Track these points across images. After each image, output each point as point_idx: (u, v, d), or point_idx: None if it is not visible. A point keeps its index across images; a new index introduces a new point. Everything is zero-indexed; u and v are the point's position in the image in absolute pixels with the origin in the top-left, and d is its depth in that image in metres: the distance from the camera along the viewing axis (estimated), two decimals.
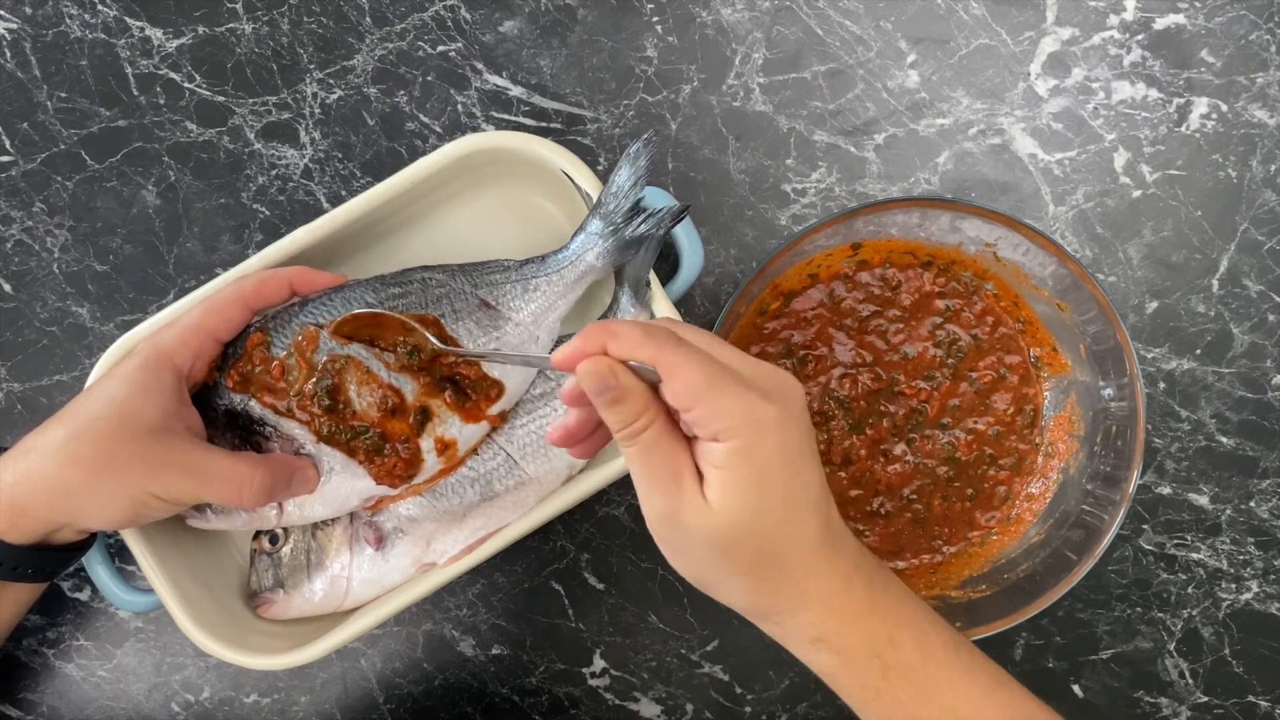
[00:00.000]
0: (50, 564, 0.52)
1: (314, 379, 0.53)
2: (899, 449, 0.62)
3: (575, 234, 0.57)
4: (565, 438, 0.45)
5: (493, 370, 0.55)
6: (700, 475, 0.41)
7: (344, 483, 0.54)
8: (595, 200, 0.56)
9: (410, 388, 0.54)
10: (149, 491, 0.49)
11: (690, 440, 0.41)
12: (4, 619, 0.54)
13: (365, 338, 0.54)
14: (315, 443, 0.53)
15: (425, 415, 0.54)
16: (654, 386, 0.41)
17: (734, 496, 0.40)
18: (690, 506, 0.40)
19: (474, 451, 0.57)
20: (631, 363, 0.40)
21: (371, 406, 0.53)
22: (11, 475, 0.49)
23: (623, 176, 0.56)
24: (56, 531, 0.51)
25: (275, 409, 0.54)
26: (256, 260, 0.56)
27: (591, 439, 0.45)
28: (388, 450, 0.54)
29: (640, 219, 0.56)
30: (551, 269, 0.57)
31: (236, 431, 0.54)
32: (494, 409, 0.56)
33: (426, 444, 0.54)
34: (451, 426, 0.55)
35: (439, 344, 0.54)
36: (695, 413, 0.39)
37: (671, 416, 0.41)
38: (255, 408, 0.54)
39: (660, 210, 0.56)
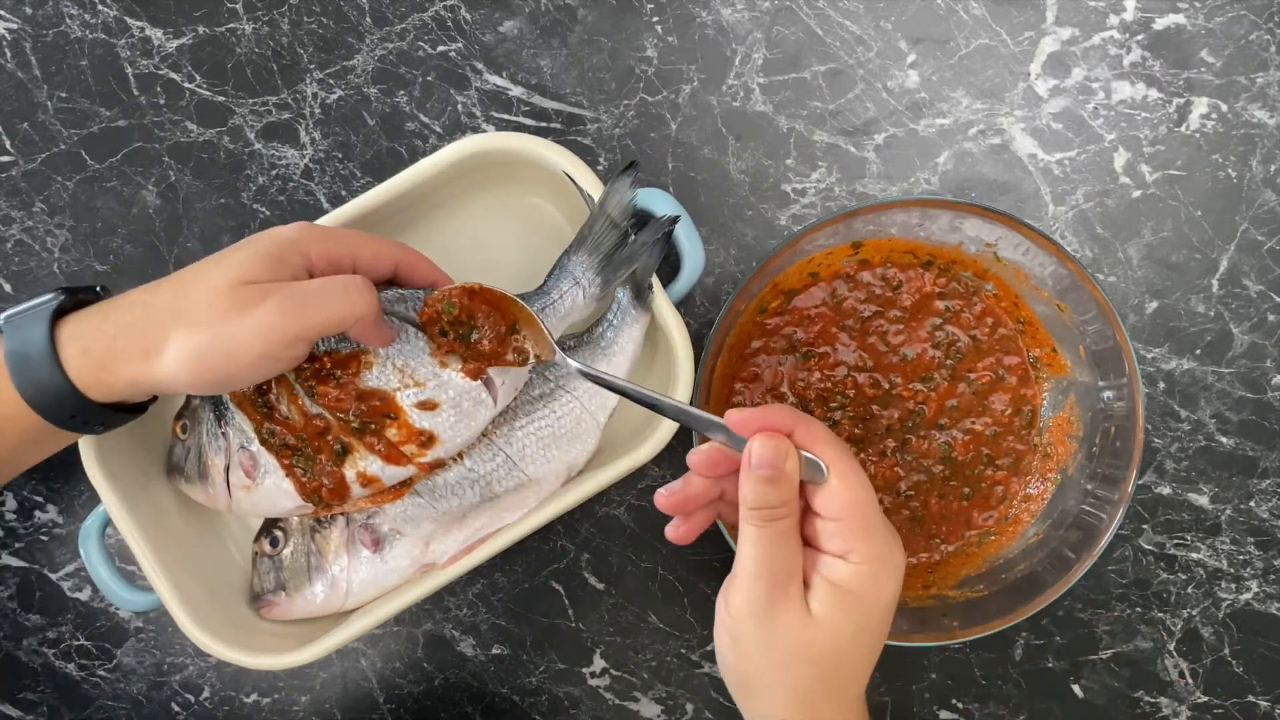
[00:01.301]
0: (117, 421, 0.51)
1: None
2: (893, 446, 0.62)
3: (556, 272, 0.56)
4: (678, 505, 0.45)
5: (423, 422, 0.53)
6: (805, 583, 0.42)
7: (274, 488, 0.54)
8: (577, 238, 0.56)
9: (330, 420, 0.53)
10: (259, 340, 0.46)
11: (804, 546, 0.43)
12: (43, 456, 0.53)
13: (466, 318, 0.53)
14: (257, 443, 0.54)
15: (345, 449, 0.54)
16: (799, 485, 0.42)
17: (840, 616, 0.41)
18: (792, 610, 0.41)
19: (460, 458, 0.57)
20: (804, 453, 0.41)
21: (299, 424, 0.53)
22: (114, 327, 0.47)
23: (611, 208, 0.55)
24: (138, 397, 0.50)
25: (234, 396, 0.54)
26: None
27: (700, 517, 0.46)
28: (315, 472, 0.54)
29: (632, 241, 0.56)
30: (535, 309, 0.55)
31: (214, 409, 0.55)
32: (426, 457, 0.54)
33: (350, 474, 0.54)
34: (372, 464, 0.54)
35: (566, 358, 0.53)
36: (845, 525, 0.40)
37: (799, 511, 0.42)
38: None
39: (652, 224, 0.56)
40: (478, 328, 0.53)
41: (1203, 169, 0.64)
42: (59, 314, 0.48)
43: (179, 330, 0.46)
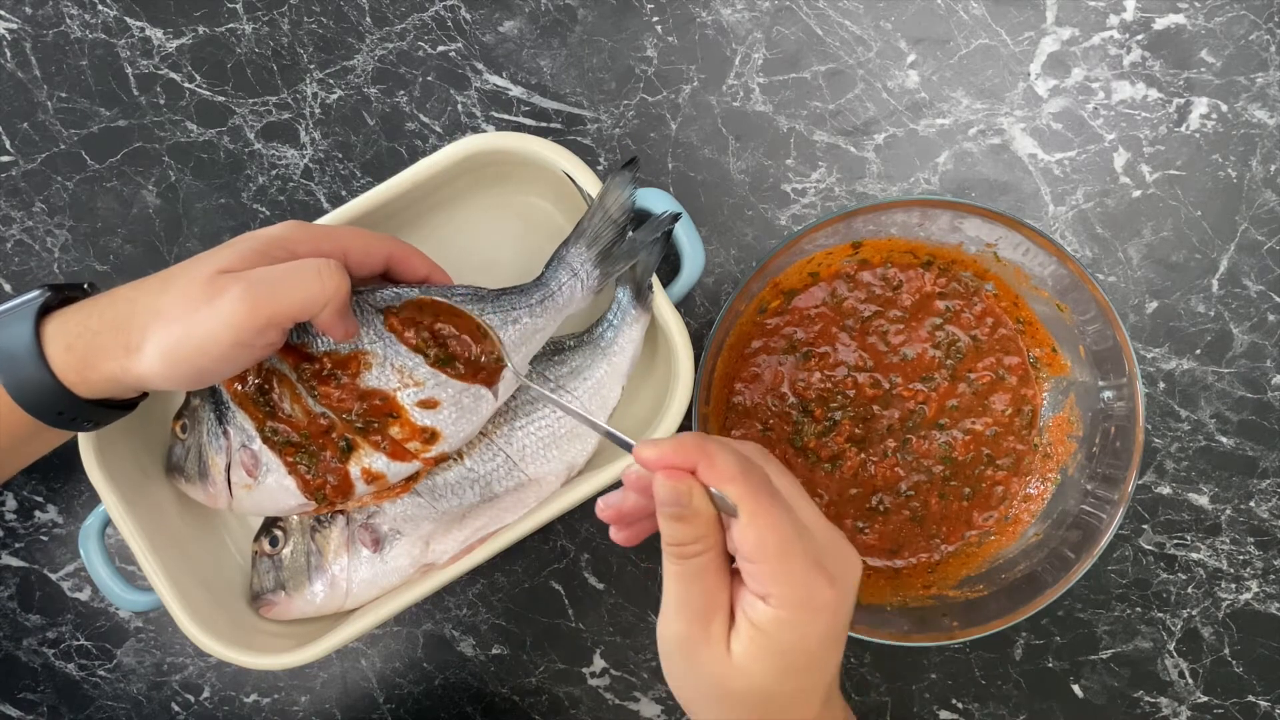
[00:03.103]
0: (105, 417, 0.51)
1: (254, 379, 0.53)
2: (893, 447, 0.62)
3: (554, 263, 0.56)
4: (616, 517, 0.44)
5: (425, 419, 0.53)
6: (731, 616, 0.40)
7: (276, 487, 0.54)
8: (575, 229, 0.56)
9: (334, 419, 0.53)
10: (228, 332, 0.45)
11: (734, 572, 0.40)
12: (33, 456, 0.53)
13: (425, 327, 0.53)
14: (259, 441, 0.54)
15: (350, 445, 0.54)
16: (720, 514, 0.40)
17: (759, 662, 0.39)
18: (711, 649, 0.39)
19: (461, 457, 0.57)
20: (712, 489, 0.39)
21: (303, 422, 0.53)
22: (98, 323, 0.47)
23: (610, 203, 0.55)
24: (124, 393, 0.49)
25: (235, 395, 0.54)
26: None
27: (641, 526, 0.44)
28: (319, 469, 0.54)
29: (631, 236, 0.56)
30: (534, 301, 0.55)
31: (214, 409, 0.55)
32: (430, 453, 0.54)
33: (355, 470, 0.54)
34: (377, 460, 0.54)
35: (515, 368, 0.53)
36: (758, 569, 0.38)
37: (725, 547, 0.40)
38: (223, 390, 0.54)
39: (652, 221, 0.56)
40: (451, 341, 0.53)
41: (1203, 169, 0.64)
42: (45, 311, 0.48)
43: (157, 326, 0.46)
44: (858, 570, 0.41)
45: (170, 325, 0.46)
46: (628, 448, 0.41)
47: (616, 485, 0.61)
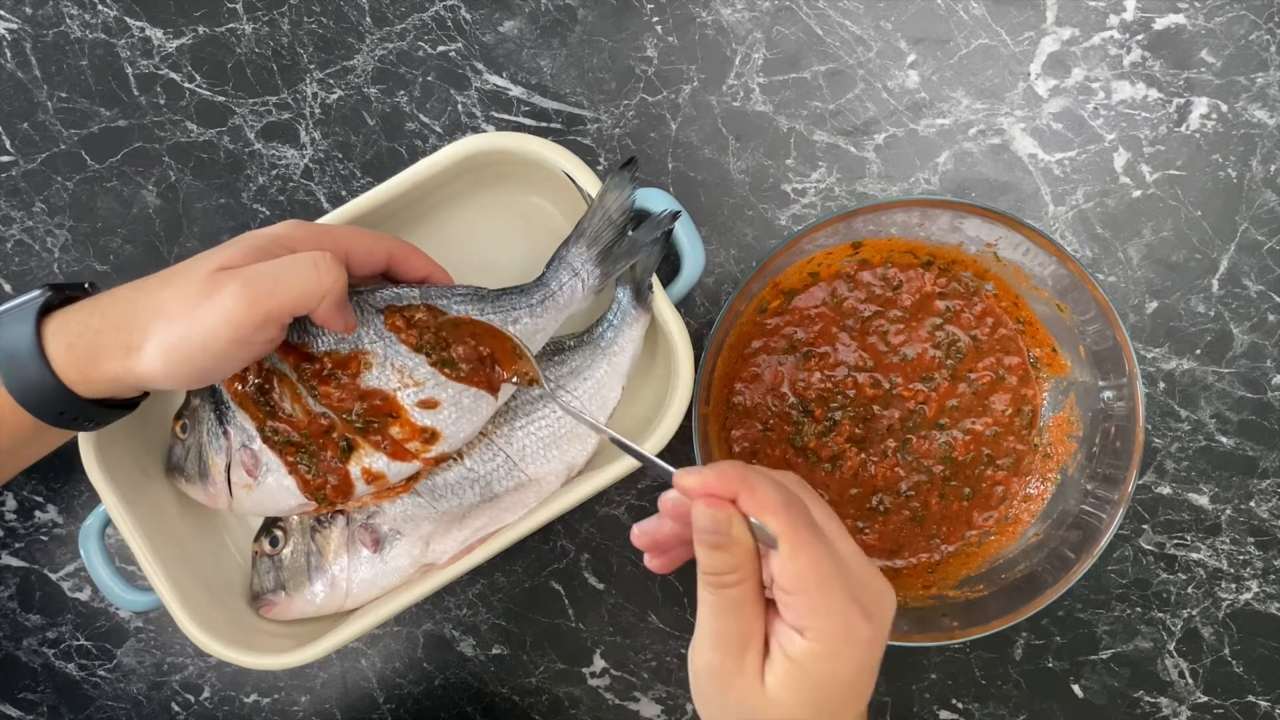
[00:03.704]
0: (107, 417, 0.51)
1: (254, 379, 0.53)
2: (894, 447, 0.62)
3: (554, 263, 0.56)
4: (651, 545, 0.44)
5: (425, 420, 0.53)
6: (766, 647, 0.39)
7: (276, 486, 0.54)
8: (575, 229, 0.56)
9: (334, 419, 0.53)
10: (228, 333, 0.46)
11: (769, 605, 0.40)
12: (35, 457, 0.53)
13: (463, 346, 0.53)
14: (259, 441, 0.54)
15: (350, 445, 0.54)
16: (757, 544, 0.39)
17: (794, 695, 0.38)
18: (745, 681, 0.39)
19: (460, 458, 0.57)
20: (752, 519, 0.39)
21: (303, 422, 0.53)
22: (99, 322, 0.47)
23: (609, 202, 0.55)
24: (125, 393, 0.49)
25: (235, 395, 0.54)
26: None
27: (676, 553, 0.44)
28: (320, 469, 0.54)
29: (631, 235, 0.56)
30: (534, 301, 0.55)
31: (215, 408, 0.55)
32: (431, 453, 0.54)
33: (355, 470, 0.54)
34: (377, 460, 0.54)
35: (547, 383, 0.53)
36: (797, 601, 0.38)
37: (761, 578, 0.40)
38: (223, 390, 0.54)
39: (652, 220, 0.56)
40: (455, 352, 0.53)
41: (1203, 169, 0.64)
42: (46, 310, 0.47)
43: (158, 325, 0.46)
44: (893, 605, 0.41)
45: (171, 324, 0.46)
46: (668, 476, 0.41)
47: (616, 485, 0.62)
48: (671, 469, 0.41)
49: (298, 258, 0.47)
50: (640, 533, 0.44)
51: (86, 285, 0.52)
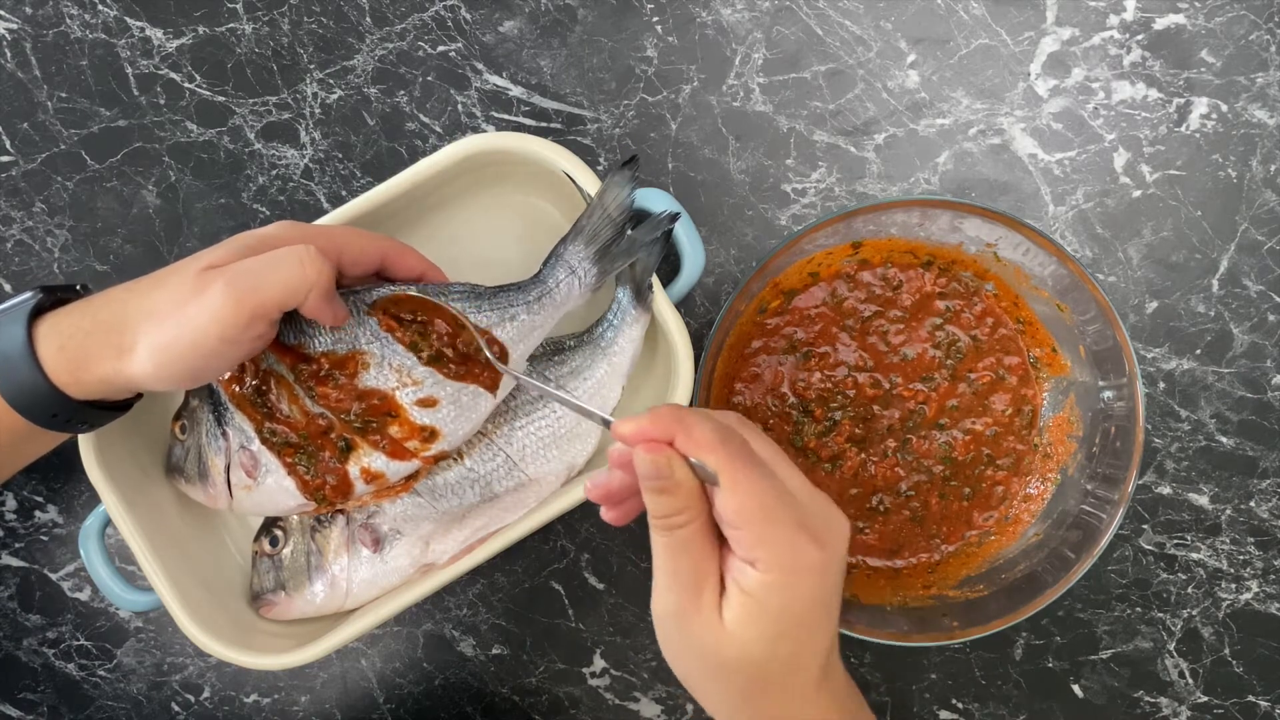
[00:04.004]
0: (100, 419, 0.51)
1: (251, 380, 0.53)
2: (894, 447, 0.62)
3: (551, 260, 0.56)
4: (605, 497, 0.44)
5: (424, 418, 0.53)
6: (722, 585, 0.40)
7: (276, 487, 0.54)
8: (574, 227, 0.56)
9: (332, 419, 0.53)
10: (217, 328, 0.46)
11: (722, 543, 0.40)
12: (29, 458, 0.53)
13: (408, 321, 0.53)
14: (258, 442, 0.54)
15: (348, 445, 0.54)
16: (703, 484, 0.40)
17: (751, 628, 0.39)
18: (703, 619, 0.39)
19: (457, 457, 0.57)
20: (692, 459, 0.39)
21: (301, 423, 0.53)
22: (90, 324, 0.47)
23: (608, 201, 0.55)
24: (118, 395, 0.49)
25: (233, 396, 0.54)
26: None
27: (630, 504, 0.44)
28: (319, 469, 0.54)
29: (630, 234, 0.56)
30: (531, 298, 0.55)
31: (213, 409, 0.55)
32: (430, 451, 0.54)
33: (354, 470, 0.54)
34: (376, 460, 0.54)
35: (491, 355, 0.53)
36: (743, 534, 0.38)
37: (712, 517, 0.40)
38: (221, 391, 0.54)
39: (651, 220, 0.56)
40: (430, 335, 0.53)
41: (1203, 169, 0.64)
42: (38, 312, 0.47)
43: (149, 325, 0.46)
44: (845, 531, 0.41)
45: (161, 324, 0.46)
46: (606, 424, 0.42)
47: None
48: (610, 419, 0.42)
49: (281, 252, 0.47)
50: (592, 485, 0.44)
51: (79, 287, 0.52)
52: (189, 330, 0.45)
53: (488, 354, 0.54)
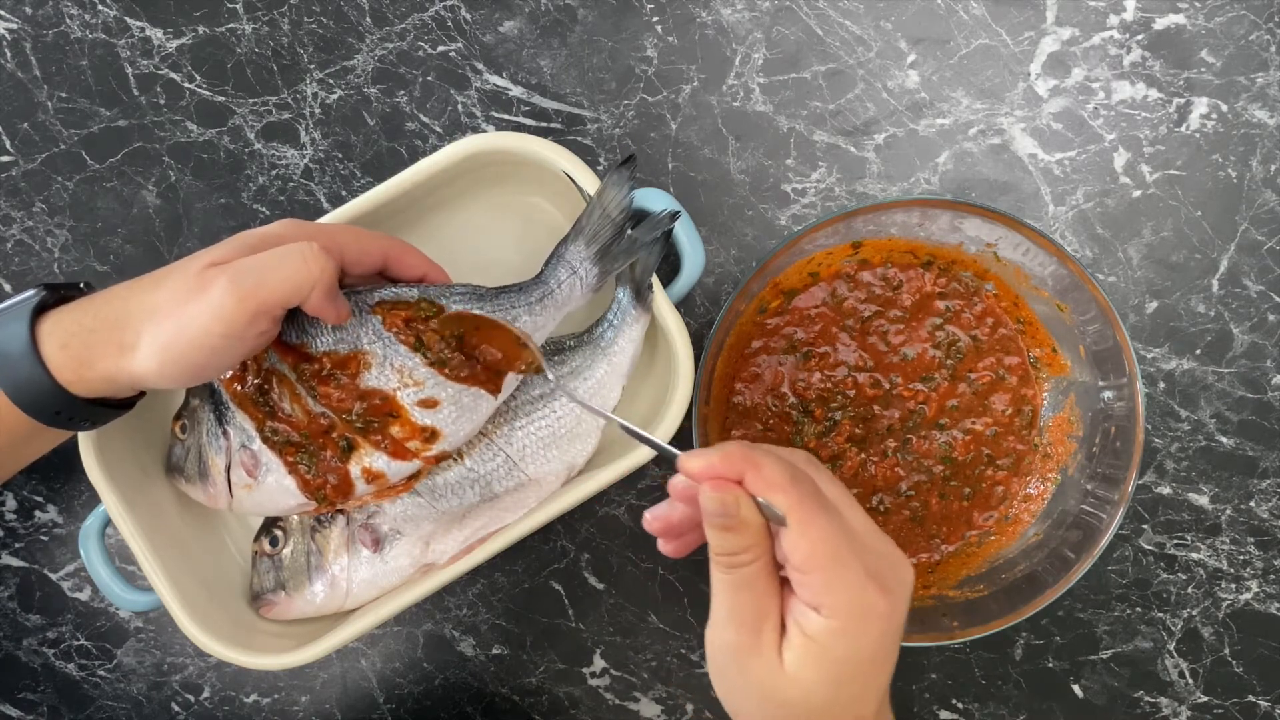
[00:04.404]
0: (102, 417, 0.51)
1: (253, 379, 0.53)
2: (894, 447, 0.62)
3: (552, 261, 0.56)
4: (665, 530, 0.43)
5: (425, 419, 0.53)
6: (783, 626, 0.39)
7: (276, 486, 0.54)
8: (574, 227, 0.56)
9: (334, 418, 0.53)
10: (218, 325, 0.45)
11: (783, 583, 0.40)
12: (32, 457, 0.53)
13: (463, 338, 0.53)
14: (259, 441, 0.54)
15: (350, 444, 0.53)
16: (768, 523, 0.39)
17: (813, 673, 0.38)
18: (763, 659, 0.39)
19: (457, 457, 0.57)
20: (760, 499, 0.39)
21: (303, 422, 0.53)
22: (93, 321, 0.47)
23: (608, 200, 0.55)
24: (121, 392, 0.49)
25: (235, 396, 0.54)
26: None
27: (690, 537, 0.44)
28: (320, 469, 0.54)
29: (630, 234, 0.56)
30: (534, 299, 0.55)
31: (214, 409, 0.55)
32: (431, 451, 0.54)
33: (355, 470, 0.54)
34: (378, 460, 0.54)
35: (552, 373, 0.53)
36: (810, 579, 0.38)
37: (775, 556, 0.40)
38: (222, 391, 0.54)
39: (651, 219, 0.56)
40: (488, 355, 0.54)
41: (1203, 169, 0.64)
42: (41, 310, 0.47)
43: (151, 323, 0.46)
44: (910, 578, 0.41)
45: (164, 322, 0.46)
46: (673, 458, 0.41)
47: (616, 485, 0.61)
48: (677, 452, 0.41)
49: (284, 249, 0.47)
50: (652, 518, 0.43)
51: (82, 285, 0.52)
52: (192, 327, 0.45)
53: (549, 374, 0.54)
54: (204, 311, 0.45)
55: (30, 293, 0.48)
